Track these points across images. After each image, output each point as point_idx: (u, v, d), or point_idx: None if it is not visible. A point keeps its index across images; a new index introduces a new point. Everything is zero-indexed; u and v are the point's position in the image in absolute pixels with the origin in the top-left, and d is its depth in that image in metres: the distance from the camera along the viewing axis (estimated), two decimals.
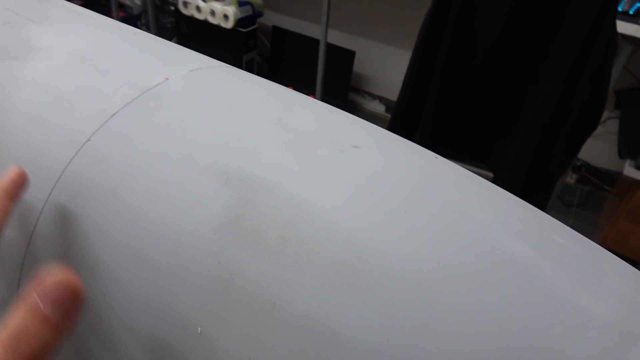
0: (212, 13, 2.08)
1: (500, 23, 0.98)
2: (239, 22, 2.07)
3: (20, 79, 0.30)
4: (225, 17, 2.06)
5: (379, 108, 2.32)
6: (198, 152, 0.25)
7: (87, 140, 0.26)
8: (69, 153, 0.26)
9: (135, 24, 2.53)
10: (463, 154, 1.14)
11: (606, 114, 1.71)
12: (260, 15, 2.19)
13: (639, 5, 1.32)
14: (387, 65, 2.21)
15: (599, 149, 1.89)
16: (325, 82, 1.97)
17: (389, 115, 2.18)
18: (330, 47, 2.01)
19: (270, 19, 2.39)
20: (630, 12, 1.32)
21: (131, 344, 0.23)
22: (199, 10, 2.12)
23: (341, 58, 2.14)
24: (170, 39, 2.41)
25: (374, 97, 2.35)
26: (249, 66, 2.25)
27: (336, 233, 0.21)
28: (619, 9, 1.31)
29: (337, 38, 2.21)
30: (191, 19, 2.18)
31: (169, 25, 2.41)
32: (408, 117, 1.13)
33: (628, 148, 1.50)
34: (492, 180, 1.14)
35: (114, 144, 0.26)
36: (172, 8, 2.33)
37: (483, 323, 0.19)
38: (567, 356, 0.19)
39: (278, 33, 2.32)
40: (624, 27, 1.26)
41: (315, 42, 1.92)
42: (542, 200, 1.09)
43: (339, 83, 2.19)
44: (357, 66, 2.23)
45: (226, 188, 0.23)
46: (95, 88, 0.28)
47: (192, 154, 0.24)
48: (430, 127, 1.10)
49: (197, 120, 0.26)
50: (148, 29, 2.45)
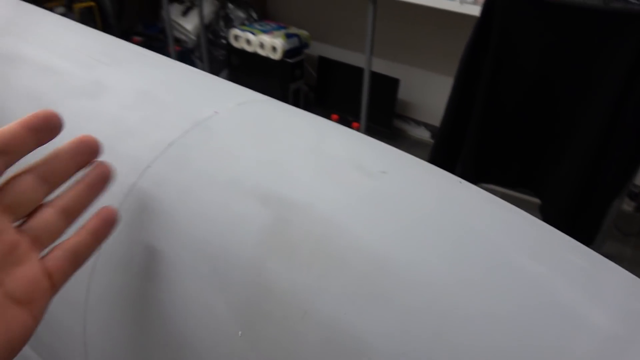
0: (261, 45, 2.18)
1: (541, 50, 0.98)
2: (287, 53, 2.16)
3: (94, 114, 0.34)
4: (274, 49, 2.15)
5: (424, 134, 2.32)
6: (241, 177, 0.28)
7: (148, 167, 0.30)
8: (132, 177, 0.30)
9: (190, 57, 2.68)
10: (507, 180, 1.13)
11: None
12: (306, 46, 2.28)
13: None
14: (432, 92, 2.22)
15: None
16: (370, 109, 2.00)
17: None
18: (374, 76, 2.05)
19: (317, 49, 2.47)
20: None
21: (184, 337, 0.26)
22: (248, 43, 2.22)
23: (386, 86, 2.18)
24: (222, 70, 2.54)
25: (419, 123, 2.36)
26: (295, 95, 2.32)
27: (361, 249, 0.24)
28: None
29: (382, 66, 2.25)
30: (241, 52, 2.29)
31: (220, 58, 2.53)
32: (450, 143, 1.14)
33: None
34: (539, 206, 1.12)
35: (170, 169, 0.29)
36: (224, 41, 2.46)
37: (492, 331, 0.21)
38: None
39: (324, 63, 2.39)
40: None
41: (360, 70, 1.97)
42: (592, 228, 1.06)
43: (384, 110, 2.22)
44: (402, 93, 2.26)
45: (265, 208, 0.26)
46: (155, 121, 0.33)
47: (236, 178, 0.28)
48: (473, 153, 1.10)
49: (242, 150, 0.30)
50: (202, 61, 2.59)
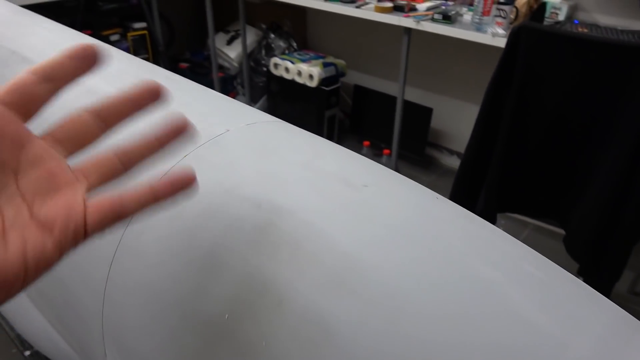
0: (299, 73, 2.27)
1: (567, 84, 1.00)
2: (323, 81, 2.23)
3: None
4: (311, 76, 2.23)
5: (456, 163, 2.32)
6: (241, 185, 0.32)
7: (165, 174, 0.35)
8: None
9: (232, 84, 2.80)
10: (531, 210, 1.13)
11: None
12: (343, 75, 2.35)
13: None
14: (465, 121, 2.23)
15: None
16: (403, 137, 2.03)
17: None
18: (408, 104, 2.09)
19: (353, 78, 2.54)
20: None
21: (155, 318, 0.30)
22: (287, 70, 2.31)
23: (419, 114, 2.21)
24: (261, 96, 2.64)
25: (452, 152, 2.36)
26: (330, 122, 2.39)
27: (334, 249, 0.27)
28: None
29: (416, 95, 2.29)
30: (280, 79, 2.38)
31: (260, 84, 2.64)
32: (474, 172, 1.15)
33: None
34: (564, 237, 1.11)
35: None
36: (264, 69, 2.57)
37: (439, 326, 0.24)
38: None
39: (359, 91, 2.45)
40: None
41: (394, 99, 2.01)
42: (617, 263, 1.04)
43: (416, 138, 2.25)
44: (435, 122, 2.28)
45: (258, 211, 0.30)
46: None
47: (237, 186, 0.32)
48: (496, 182, 1.12)
49: (244, 162, 0.34)
50: (243, 87, 2.70)
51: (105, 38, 2.41)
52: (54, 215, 0.22)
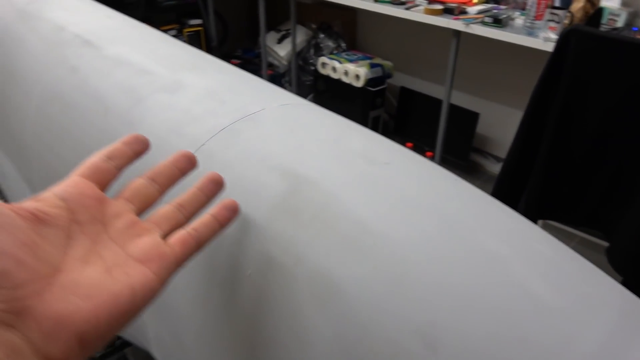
0: (346, 73, 2.29)
1: (616, 90, 0.97)
2: (369, 82, 2.25)
3: (171, 105, 0.43)
4: (357, 77, 2.24)
5: None
6: (270, 156, 0.35)
7: (202, 145, 0.38)
8: (191, 151, 0.38)
9: (280, 81, 2.86)
10: (573, 219, 1.11)
11: None
12: (389, 76, 2.35)
13: None
14: (513, 128, 2.18)
15: None
16: (447, 141, 2.02)
17: None
18: (454, 108, 2.07)
19: (400, 79, 2.54)
20: None
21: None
22: (334, 70, 2.34)
23: (465, 119, 2.18)
24: (308, 94, 2.68)
25: (497, 159, 2.32)
26: (374, 122, 2.39)
27: (350, 216, 0.29)
28: None
29: (463, 100, 2.26)
30: (327, 78, 2.42)
31: (307, 83, 2.68)
32: (515, 177, 1.14)
33: None
34: (606, 248, 1.08)
35: (219, 148, 0.37)
36: (312, 68, 2.61)
37: (441, 289, 0.26)
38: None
39: (405, 93, 2.44)
40: None
41: (440, 102, 2.00)
42: None
43: (461, 143, 2.22)
44: (482, 128, 2.24)
45: (284, 180, 0.33)
46: (215, 112, 0.41)
47: (266, 157, 0.35)
48: (537, 189, 1.10)
49: (275, 137, 0.37)
50: (290, 85, 2.75)
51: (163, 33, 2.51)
52: (147, 252, 0.26)
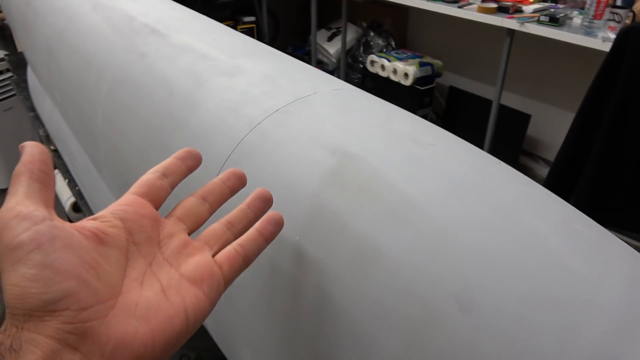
0: (394, 71, 2.29)
1: None
2: (418, 81, 2.24)
3: (230, 87, 0.46)
4: (406, 75, 2.24)
5: None
6: (321, 135, 0.37)
7: (258, 124, 0.41)
8: (246, 130, 0.41)
9: None
10: (625, 224, 1.07)
11: None
12: (439, 75, 2.33)
13: None
14: (566, 132, 2.12)
15: None
16: (496, 143, 1.98)
17: None
18: (504, 109, 2.03)
19: (449, 79, 2.51)
20: None
21: None
22: (383, 68, 2.35)
23: (516, 120, 2.13)
24: None
25: (548, 163, 2.25)
26: None
27: (394, 189, 0.31)
28: None
29: (515, 101, 2.21)
30: (375, 76, 2.42)
31: (356, 80, 2.70)
32: (564, 180, 1.12)
33: None
34: None
35: (273, 126, 0.40)
36: (361, 66, 2.62)
37: (479, 256, 0.27)
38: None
39: (454, 93, 2.42)
40: None
41: (490, 103, 1.97)
42: None
43: (510, 145, 2.17)
44: (533, 130, 2.19)
45: (333, 157, 0.35)
46: (271, 94, 0.43)
47: (317, 136, 0.37)
48: (587, 192, 1.07)
49: (326, 118, 0.39)
50: None
51: None
52: (199, 273, 0.27)
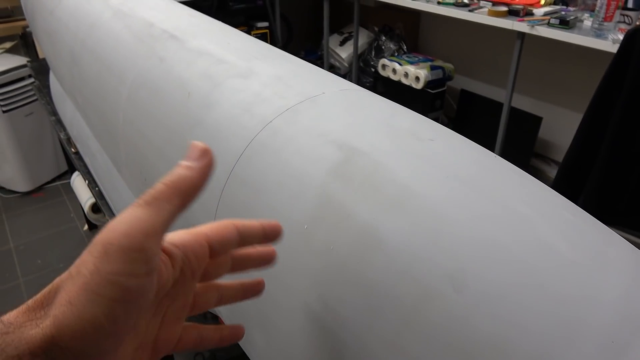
0: (406, 75, 2.31)
1: None
2: (429, 84, 2.26)
3: (244, 88, 0.49)
4: (417, 78, 2.26)
5: None
6: (329, 131, 0.40)
7: (270, 122, 0.43)
8: (259, 128, 0.44)
9: None
10: (634, 224, 1.08)
11: None
12: (450, 78, 2.35)
13: None
14: None
15: None
16: (507, 145, 1.99)
17: None
18: (516, 112, 2.04)
19: (460, 82, 2.52)
20: None
21: None
22: (394, 72, 2.37)
23: (527, 123, 2.14)
24: None
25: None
26: None
27: (395, 180, 0.34)
28: None
29: (526, 103, 2.22)
30: (387, 80, 2.45)
31: (367, 84, 2.72)
32: (572, 180, 1.13)
33: None
34: None
35: (283, 124, 0.42)
36: (372, 70, 2.65)
37: (472, 241, 0.29)
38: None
39: (466, 96, 2.43)
40: None
41: (501, 105, 1.98)
42: None
43: (522, 148, 2.18)
44: (544, 132, 2.19)
45: (339, 151, 0.38)
46: (282, 95, 0.46)
47: (325, 132, 0.40)
48: (595, 193, 1.08)
49: (334, 115, 0.42)
50: None
51: None
52: (164, 346, 0.28)
